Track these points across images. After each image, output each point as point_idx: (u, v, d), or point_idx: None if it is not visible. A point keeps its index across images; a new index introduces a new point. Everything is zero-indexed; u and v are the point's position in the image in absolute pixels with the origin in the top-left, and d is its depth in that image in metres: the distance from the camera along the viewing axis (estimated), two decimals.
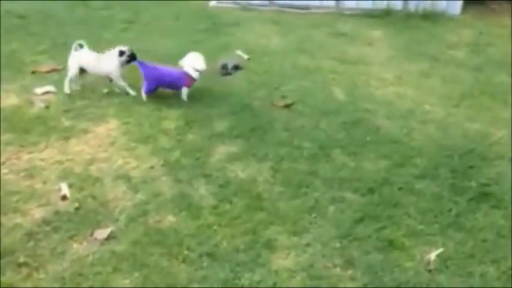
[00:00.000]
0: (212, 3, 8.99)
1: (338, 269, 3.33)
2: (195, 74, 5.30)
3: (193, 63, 5.29)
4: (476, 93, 5.78)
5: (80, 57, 5.38)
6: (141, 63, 5.32)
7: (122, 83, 5.42)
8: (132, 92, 5.42)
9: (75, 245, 3.46)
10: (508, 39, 7.45)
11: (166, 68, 5.40)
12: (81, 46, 5.39)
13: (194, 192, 4.01)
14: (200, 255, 3.39)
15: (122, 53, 5.30)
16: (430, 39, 7.46)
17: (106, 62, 5.35)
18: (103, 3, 8.76)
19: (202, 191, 4.02)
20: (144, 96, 5.34)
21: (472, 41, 7.42)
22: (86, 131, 4.78)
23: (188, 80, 5.32)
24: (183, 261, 3.35)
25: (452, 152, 4.55)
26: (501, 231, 3.66)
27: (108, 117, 5.02)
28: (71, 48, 5.39)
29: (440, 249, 3.46)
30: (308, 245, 3.51)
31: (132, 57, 5.33)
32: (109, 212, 3.76)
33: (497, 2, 9.06)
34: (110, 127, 4.86)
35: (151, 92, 5.35)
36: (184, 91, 5.36)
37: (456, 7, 8.42)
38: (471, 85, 5.99)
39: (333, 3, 8.70)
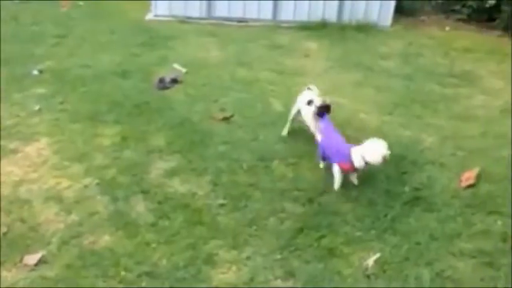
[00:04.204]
0: (149, 17, 8.88)
1: (279, 281, 3.34)
2: (358, 164, 4.07)
3: (368, 152, 4.02)
4: (407, 101, 6.01)
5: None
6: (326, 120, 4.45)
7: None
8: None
9: (4, 273, 3.28)
10: (436, 50, 7.83)
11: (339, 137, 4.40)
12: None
13: (131, 210, 3.90)
14: (139, 275, 3.30)
15: (309, 102, 4.57)
16: (363, 50, 7.70)
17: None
18: (32, 18, 8.43)
19: (140, 209, 3.92)
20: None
21: (402, 51, 7.72)
22: (15, 151, 4.56)
23: (347, 165, 4.14)
24: (121, 281, 3.25)
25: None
26: (433, 233, 3.79)
27: (39, 136, 4.81)
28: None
29: (378, 255, 3.55)
30: (248, 258, 3.50)
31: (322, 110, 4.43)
32: (39, 235, 3.59)
33: (426, 14, 9.52)
34: (40, 146, 4.66)
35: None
36: (336, 170, 4.20)
37: (387, 19, 8.74)
38: (403, 94, 6.22)
39: (269, 16, 8.81)
